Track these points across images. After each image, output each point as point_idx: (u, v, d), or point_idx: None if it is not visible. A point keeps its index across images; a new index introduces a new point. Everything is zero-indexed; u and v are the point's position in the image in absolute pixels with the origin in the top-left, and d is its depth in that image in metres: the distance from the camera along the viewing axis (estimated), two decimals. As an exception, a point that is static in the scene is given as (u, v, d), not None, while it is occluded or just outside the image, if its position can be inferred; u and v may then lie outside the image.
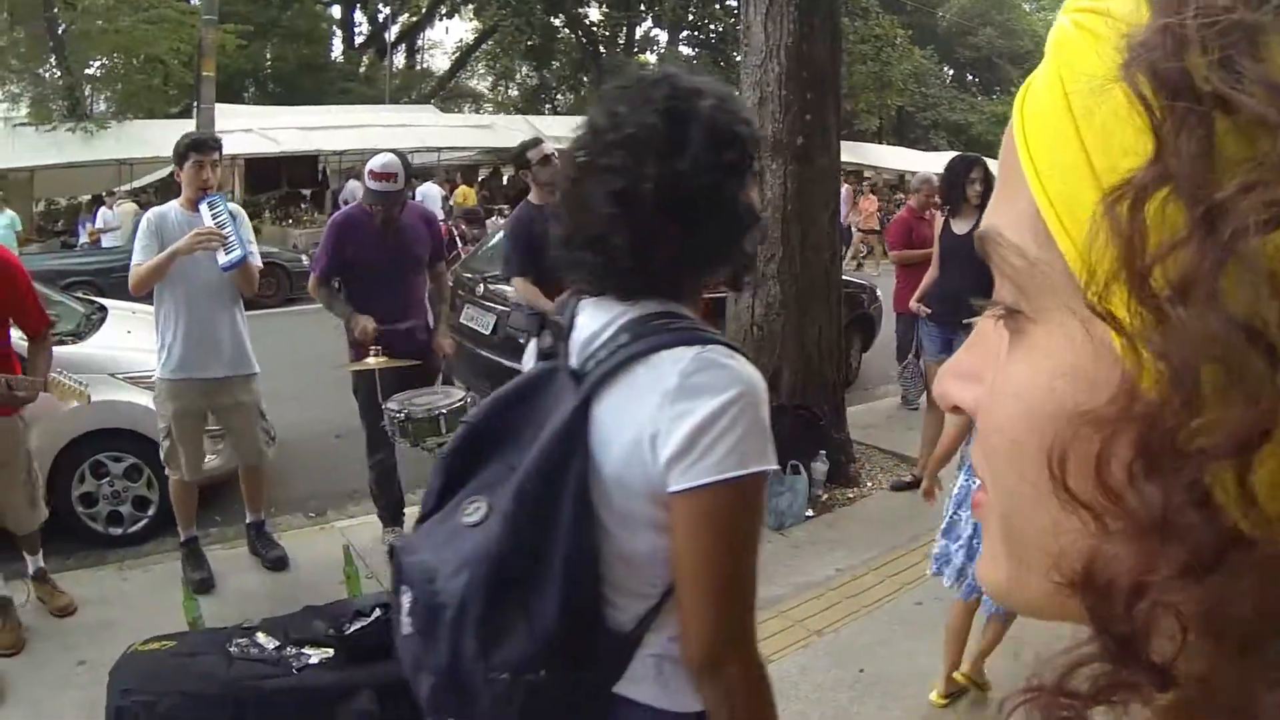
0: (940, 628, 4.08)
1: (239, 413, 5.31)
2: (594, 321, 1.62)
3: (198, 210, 5.11)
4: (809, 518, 6.01)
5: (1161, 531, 0.40)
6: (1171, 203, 0.39)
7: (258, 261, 5.30)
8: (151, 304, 5.26)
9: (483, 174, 28.32)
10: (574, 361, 1.62)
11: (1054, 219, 0.44)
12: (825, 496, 6.46)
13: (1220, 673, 0.41)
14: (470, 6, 37.67)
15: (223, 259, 4.98)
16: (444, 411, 5.00)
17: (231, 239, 4.97)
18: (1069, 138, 0.44)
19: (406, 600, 1.64)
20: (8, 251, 4.78)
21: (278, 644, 4.21)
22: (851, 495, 6.58)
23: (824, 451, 6.53)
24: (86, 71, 26.04)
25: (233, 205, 5.43)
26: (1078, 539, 0.44)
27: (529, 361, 1.78)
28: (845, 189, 19.04)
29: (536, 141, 6.14)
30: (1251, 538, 0.39)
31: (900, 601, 4.97)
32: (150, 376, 5.41)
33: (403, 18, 39.92)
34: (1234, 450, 0.38)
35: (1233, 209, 0.37)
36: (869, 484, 6.78)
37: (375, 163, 5.39)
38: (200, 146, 5.18)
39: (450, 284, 7.22)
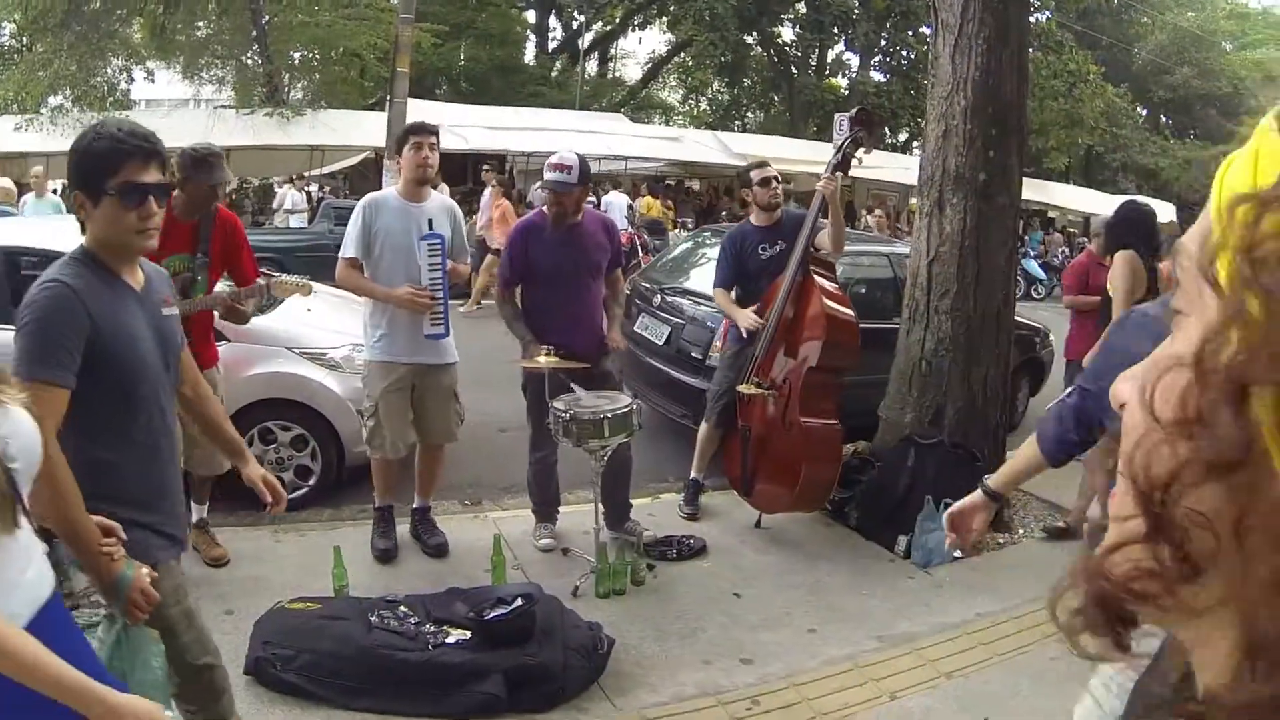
0: (1076, 684, 3.88)
1: (439, 395, 5.46)
2: None
3: (417, 201, 5.32)
4: (956, 558, 5.82)
5: (1198, 427, 0.52)
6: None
7: (466, 259, 5.57)
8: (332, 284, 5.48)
9: (668, 185, 28.51)
10: None
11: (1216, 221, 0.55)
12: (975, 539, 6.23)
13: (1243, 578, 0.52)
14: (664, 19, 37.91)
15: (427, 329, 5.20)
16: (609, 415, 5.03)
17: (441, 314, 5.18)
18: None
19: None
20: (231, 213, 5.34)
21: (417, 620, 4.29)
22: (1002, 540, 6.34)
23: (979, 492, 6.31)
24: (287, 61, 27.13)
25: (449, 201, 5.64)
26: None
27: None
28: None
29: (762, 163, 6.29)
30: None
31: (1036, 654, 4.64)
32: (326, 354, 5.60)
33: (596, 26, 40.34)
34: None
35: None
36: (1020, 531, 6.53)
37: (555, 155, 5.48)
38: (418, 129, 5.40)
39: (628, 291, 7.28)
